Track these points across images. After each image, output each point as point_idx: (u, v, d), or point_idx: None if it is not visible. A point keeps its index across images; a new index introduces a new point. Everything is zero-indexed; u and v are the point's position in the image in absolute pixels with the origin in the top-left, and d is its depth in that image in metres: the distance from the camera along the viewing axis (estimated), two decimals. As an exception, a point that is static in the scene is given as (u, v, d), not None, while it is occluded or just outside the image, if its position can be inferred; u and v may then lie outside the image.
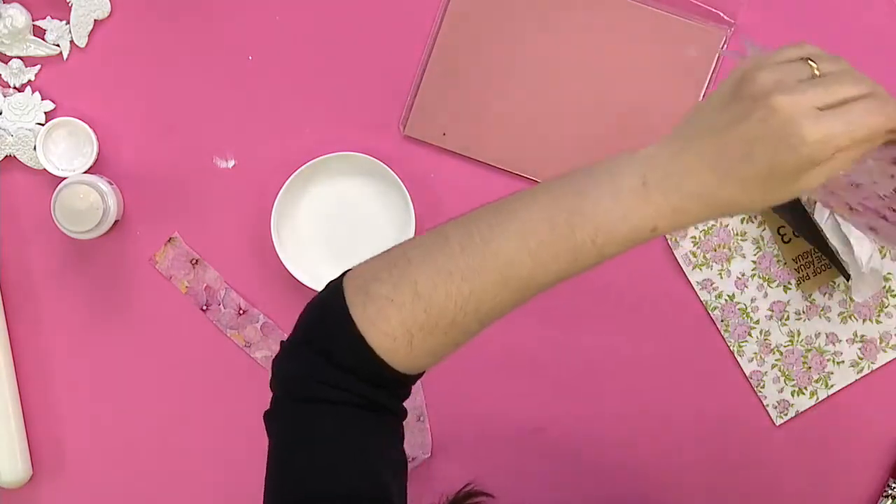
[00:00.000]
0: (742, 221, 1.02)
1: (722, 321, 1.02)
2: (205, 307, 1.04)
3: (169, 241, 1.04)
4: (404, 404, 0.70)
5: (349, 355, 0.65)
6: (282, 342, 0.69)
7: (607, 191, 0.63)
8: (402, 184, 1.00)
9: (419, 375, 0.69)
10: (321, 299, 0.67)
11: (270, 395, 1.07)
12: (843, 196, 0.67)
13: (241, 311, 1.05)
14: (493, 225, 0.64)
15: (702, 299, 1.02)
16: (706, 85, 1.01)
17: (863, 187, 0.66)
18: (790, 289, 1.02)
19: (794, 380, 1.02)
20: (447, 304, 0.64)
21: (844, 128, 0.60)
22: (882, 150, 0.61)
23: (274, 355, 0.70)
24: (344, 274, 0.67)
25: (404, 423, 0.70)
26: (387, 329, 0.64)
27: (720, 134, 0.63)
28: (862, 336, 1.02)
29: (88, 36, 1.03)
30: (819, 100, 0.60)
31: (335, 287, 0.66)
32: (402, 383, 0.67)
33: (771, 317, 1.02)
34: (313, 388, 0.66)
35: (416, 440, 1.03)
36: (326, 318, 0.66)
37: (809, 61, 0.63)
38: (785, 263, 1.02)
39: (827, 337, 1.02)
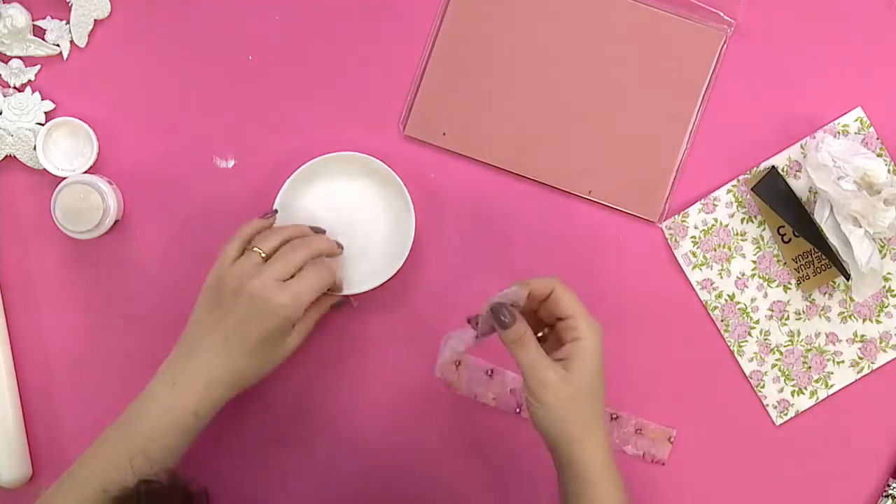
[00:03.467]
0: (742, 221, 1.02)
1: (722, 321, 1.02)
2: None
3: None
4: None
5: None
6: None
7: (144, 399, 0.88)
8: (402, 184, 1.00)
9: None
10: None
11: (271, 394, 1.07)
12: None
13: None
14: (82, 462, 0.88)
15: (702, 299, 1.02)
16: (706, 84, 1.01)
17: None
18: (790, 289, 1.02)
19: (794, 380, 1.02)
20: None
21: (304, 286, 0.87)
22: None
23: None
24: None
25: None
26: None
27: (217, 327, 0.87)
28: (862, 336, 1.02)
29: (88, 36, 1.03)
30: (277, 274, 0.87)
31: None
32: None
33: (771, 317, 1.02)
34: None
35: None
36: None
37: (255, 248, 0.89)
38: (785, 263, 1.02)
39: (827, 337, 1.02)
